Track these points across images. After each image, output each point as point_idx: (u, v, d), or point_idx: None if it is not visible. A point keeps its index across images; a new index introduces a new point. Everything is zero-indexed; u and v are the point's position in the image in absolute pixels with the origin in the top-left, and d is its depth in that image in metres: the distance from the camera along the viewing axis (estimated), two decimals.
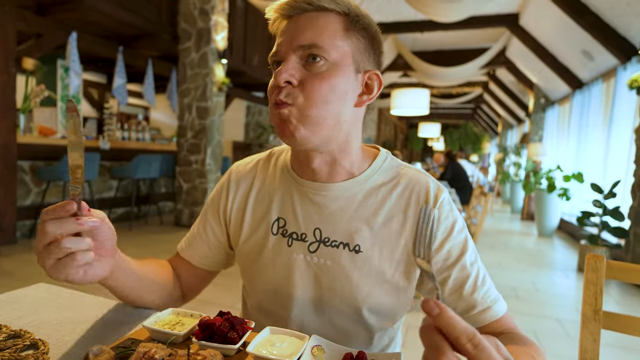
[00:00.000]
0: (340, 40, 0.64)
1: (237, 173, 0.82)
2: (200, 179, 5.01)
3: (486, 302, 0.67)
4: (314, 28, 0.63)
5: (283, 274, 0.73)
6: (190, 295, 0.86)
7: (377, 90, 0.69)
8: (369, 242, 0.69)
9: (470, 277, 0.68)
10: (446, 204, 0.71)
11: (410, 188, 0.72)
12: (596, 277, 0.85)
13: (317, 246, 0.71)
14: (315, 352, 0.58)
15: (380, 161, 0.75)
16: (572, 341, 2.37)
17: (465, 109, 15.78)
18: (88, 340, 0.64)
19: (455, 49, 7.91)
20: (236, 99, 8.22)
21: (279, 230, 0.74)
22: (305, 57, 0.63)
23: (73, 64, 4.58)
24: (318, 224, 0.72)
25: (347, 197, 0.71)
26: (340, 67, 0.64)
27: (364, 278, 0.69)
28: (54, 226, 0.53)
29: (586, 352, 0.85)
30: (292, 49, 0.64)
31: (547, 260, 4.40)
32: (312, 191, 0.72)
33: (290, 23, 0.65)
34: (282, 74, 0.62)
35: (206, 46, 4.84)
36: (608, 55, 4.68)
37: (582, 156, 5.87)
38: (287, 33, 0.65)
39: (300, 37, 0.63)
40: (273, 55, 0.66)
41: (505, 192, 10.54)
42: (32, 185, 4.24)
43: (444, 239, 0.69)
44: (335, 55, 0.63)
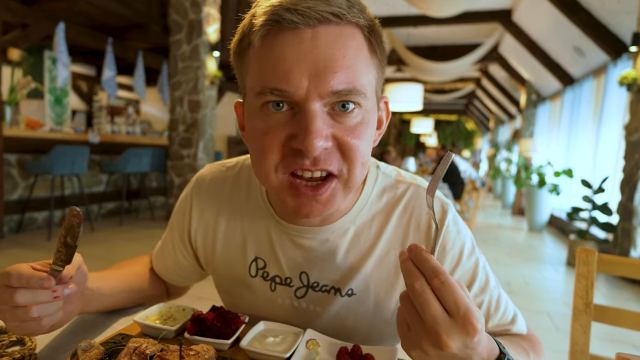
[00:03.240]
0: (370, 71, 0.48)
1: (199, 191, 0.69)
2: (192, 174, 4.96)
3: (503, 327, 0.63)
4: (346, 57, 0.44)
5: (270, 317, 0.65)
6: (175, 295, 0.84)
7: (386, 121, 0.58)
8: (363, 284, 0.61)
9: (483, 306, 0.60)
10: (452, 229, 0.61)
11: (409, 213, 0.61)
12: (587, 270, 0.86)
13: (305, 291, 0.62)
14: (310, 346, 0.57)
15: (372, 183, 0.62)
16: (561, 334, 2.41)
17: (458, 105, 15.85)
18: (77, 336, 0.62)
19: (449, 44, 7.92)
20: (228, 93, 8.16)
21: (259, 272, 0.64)
22: (333, 103, 0.46)
23: (61, 55, 4.49)
24: (304, 267, 0.62)
25: (337, 237, 0.60)
26: (372, 111, 0.50)
27: (360, 321, 0.62)
28: (24, 297, 0.45)
29: (577, 344, 0.86)
30: (318, 95, 0.44)
31: (537, 255, 4.46)
32: (295, 234, 0.61)
33: (301, 38, 0.43)
34: (317, 139, 0.43)
35: (198, 38, 4.77)
36: (599, 52, 4.72)
37: (572, 152, 5.94)
38: (304, 59, 0.43)
39: (332, 76, 0.43)
40: (276, 93, 0.44)
41: (496, 187, 10.65)
42: (20, 179, 4.16)
43: (451, 270, 0.60)
44: (368, 99, 0.48)
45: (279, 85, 0.44)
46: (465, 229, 0.63)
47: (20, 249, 3.57)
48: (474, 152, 17.52)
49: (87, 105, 7.89)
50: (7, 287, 0.46)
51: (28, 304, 0.46)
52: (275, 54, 0.44)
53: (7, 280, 0.46)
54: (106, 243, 3.95)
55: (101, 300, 0.64)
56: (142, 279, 0.75)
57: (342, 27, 0.45)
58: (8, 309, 0.47)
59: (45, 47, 5.98)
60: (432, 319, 0.36)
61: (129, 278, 0.72)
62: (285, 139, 0.46)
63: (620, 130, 4.23)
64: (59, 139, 4.29)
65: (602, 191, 3.86)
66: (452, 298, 0.36)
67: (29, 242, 3.82)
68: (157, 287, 0.78)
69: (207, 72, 4.86)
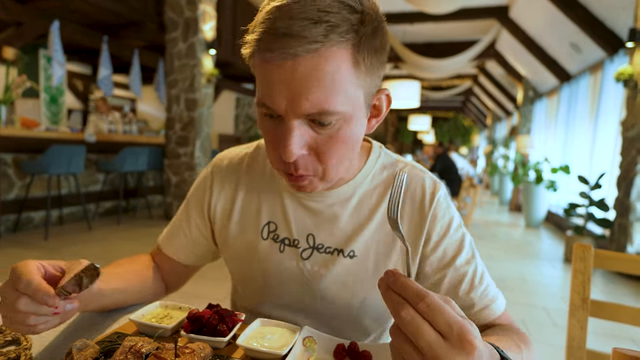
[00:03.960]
0: (351, 87, 0.52)
1: (220, 168, 0.76)
2: (189, 172, 4.95)
3: (484, 301, 0.65)
4: (319, 86, 0.50)
5: (275, 281, 0.71)
6: (174, 288, 0.84)
7: (386, 109, 0.62)
8: (363, 247, 0.67)
9: (467, 276, 0.65)
10: (442, 202, 0.68)
11: (406, 187, 0.69)
12: (584, 266, 0.86)
13: (311, 253, 0.68)
14: (307, 343, 0.57)
15: (375, 158, 0.71)
16: (558, 329, 2.42)
17: (455, 102, 15.87)
18: (72, 335, 0.62)
19: (446, 41, 7.92)
20: (225, 91, 8.13)
21: (270, 235, 0.70)
22: (311, 119, 0.53)
23: (56, 53, 4.45)
24: (311, 230, 0.69)
25: (342, 202, 0.68)
26: (354, 116, 0.55)
27: (359, 283, 0.67)
28: (26, 306, 0.48)
29: (574, 340, 0.86)
30: (294, 114, 0.52)
31: (535, 251, 4.48)
32: (305, 197, 0.69)
33: (284, 69, 0.50)
34: (292, 150, 0.52)
35: (194, 36, 4.75)
36: (596, 48, 4.73)
37: (569, 148, 5.96)
38: (284, 87, 0.50)
39: (304, 103, 0.50)
40: (265, 107, 0.54)
41: (493, 184, 10.67)
42: (16, 179, 4.14)
43: (439, 239, 0.67)
44: (347, 108, 0.53)
45: (266, 101, 0.53)
46: (453, 208, 0.70)
47: (17, 249, 3.56)
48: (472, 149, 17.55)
49: (83, 104, 7.86)
50: (14, 290, 0.48)
51: (28, 312, 0.48)
52: (267, 77, 0.52)
53: (16, 283, 0.48)
54: (104, 242, 3.94)
55: (101, 300, 0.64)
56: (142, 278, 0.75)
57: (320, 54, 0.49)
58: (8, 309, 0.49)
59: (40, 46, 5.94)
60: (427, 346, 0.34)
61: (129, 277, 0.72)
62: (276, 144, 0.56)
63: (617, 126, 4.24)
64: (55, 138, 4.26)
65: (599, 187, 3.88)
66: (443, 319, 0.35)
67: (26, 242, 3.80)
68: (157, 286, 0.78)
69: (203, 70, 4.84)
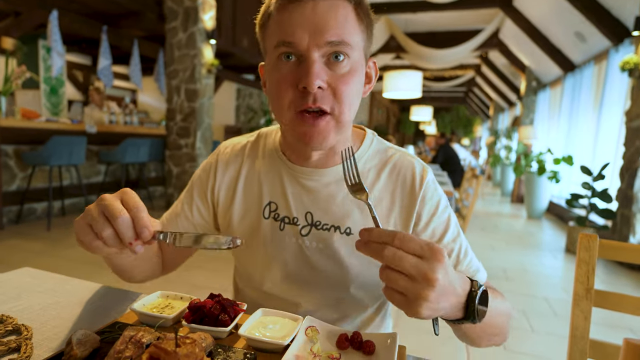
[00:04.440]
0: (357, 34, 0.62)
1: (225, 154, 0.81)
2: (190, 163, 4.94)
3: (469, 273, 0.71)
4: (337, 20, 0.59)
5: (275, 256, 0.74)
6: (170, 269, 0.85)
7: (375, 78, 0.70)
8: (359, 224, 0.71)
9: (453, 252, 0.71)
10: (431, 184, 0.73)
11: (397, 170, 0.74)
12: (589, 256, 0.85)
13: (309, 230, 0.72)
14: (309, 333, 0.57)
15: (368, 143, 0.76)
16: (559, 319, 2.42)
17: (458, 92, 15.74)
18: (74, 325, 0.62)
19: (449, 30, 7.82)
20: (226, 82, 8.08)
21: (271, 215, 0.74)
22: (328, 55, 0.60)
23: (55, 44, 4.42)
24: (309, 207, 0.72)
25: (338, 181, 0.72)
26: (359, 64, 0.63)
27: (355, 259, 0.71)
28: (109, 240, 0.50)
29: (577, 329, 0.85)
30: (316, 45, 0.58)
31: (536, 242, 4.48)
32: (303, 176, 0.73)
33: (304, 8, 0.58)
34: (315, 78, 0.58)
35: (194, 26, 4.70)
36: (601, 37, 4.66)
37: (572, 139, 5.92)
38: (306, 21, 0.58)
39: (326, 31, 0.58)
40: (286, 45, 0.59)
41: (495, 175, 10.64)
42: (17, 170, 4.14)
43: (428, 219, 0.72)
44: (356, 53, 0.62)
45: (288, 38, 0.59)
46: (441, 190, 0.76)
47: (19, 240, 3.57)
48: (474, 140, 17.48)
49: (84, 95, 7.82)
50: (118, 200, 0.50)
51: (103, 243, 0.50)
52: (286, 18, 0.59)
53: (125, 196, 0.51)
54: None
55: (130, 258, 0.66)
56: (153, 251, 0.76)
57: (334, 0, 0.59)
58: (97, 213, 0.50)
59: (39, 36, 5.89)
60: (413, 267, 0.43)
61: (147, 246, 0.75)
62: (294, 82, 0.60)
63: (621, 116, 4.20)
64: (56, 129, 4.25)
65: (602, 178, 3.86)
66: (414, 244, 0.44)
67: (29, 233, 3.82)
68: (159, 262, 0.80)
69: (203, 61, 4.80)
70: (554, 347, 2.07)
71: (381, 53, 8.16)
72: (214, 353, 0.49)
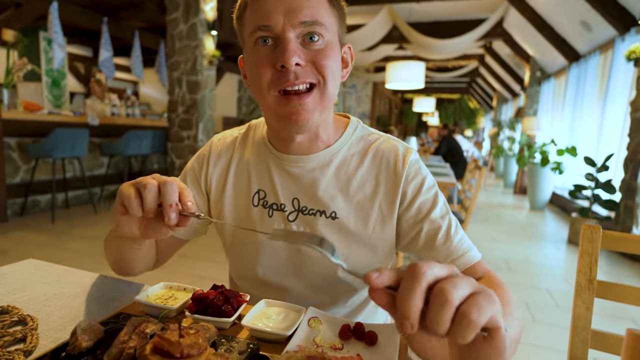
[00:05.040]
0: (330, 16, 0.64)
1: (217, 146, 0.83)
2: (192, 155, 4.94)
3: (460, 250, 0.69)
4: (310, 1, 0.61)
5: (266, 244, 0.76)
6: (162, 261, 0.85)
7: (351, 62, 0.72)
8: (344, 209, 0.73)
9: (442, 228, 0.70)
10: (414, 164, 0.74)
11: (381, 154, 0.75)
12: (592, 247, 0.85)
13: (296, 215, 0.74)
14: (312, 323, 0.57)
15: (352, 130, 0.77)
16: (560, 310, 2.43)
17: (461, 83, 15.61)
18: (78, 316, 0.62)
19: (452, 20, 7.72)
20: (227, 73, 8.04)
21: (260, 202, 0.76)
22: (303, 35, 0.62)
23: (56, 35, 4.40)
24: (296, 194, 0.74)
25: (322, 167, 0.74)
26: (334, 44, 0.65)
27: (342, 243, 0.73)
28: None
29: (579, 320, 0.86)
30: (291, 25, 0.60)
31: (539, 233, 4.47)
32: (289, 164, 0.75)
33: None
34: (292, 56, 0.60)
35: (195, 17, 4.66)
36: (607, 26, 4.60)
37: (576, 130, 5.87)
38: (280, 4, 0.60)
39: (300, 11, 0.60)
40: (262, 29, 0.62)
41: (498, 166, 10.60)
42: (21, 163, 4.15)
43: (413, 197, 0.72)
44: (329, 33, 0.64)
45: (264, 22, 0.61)
46: (427, 171, 0.76)
47: (24, 232, 3.60)
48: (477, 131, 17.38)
49: (85, 88, 7.81)
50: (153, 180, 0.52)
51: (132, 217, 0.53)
52: (261, 4, 0.62)
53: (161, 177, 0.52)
54: (110, 225, 3.98)
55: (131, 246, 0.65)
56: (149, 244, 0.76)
57: None
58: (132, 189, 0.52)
59: (40, 28, 5.86)
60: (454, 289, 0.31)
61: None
62: (271, 63, 0.62)
63: (626, 107, 4.16)
64: (58, 122, 4.25)
65: (606, 169, 3.83)
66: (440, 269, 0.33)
67: (33, 225, 3.85)
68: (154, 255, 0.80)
69: (205, 52, 4.77)
70: (555, 338, 2.08)
71: (384, 43, 8.08)
72: (218, 343, 0.50)
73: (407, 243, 0.73)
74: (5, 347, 0.52)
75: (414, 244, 0.72)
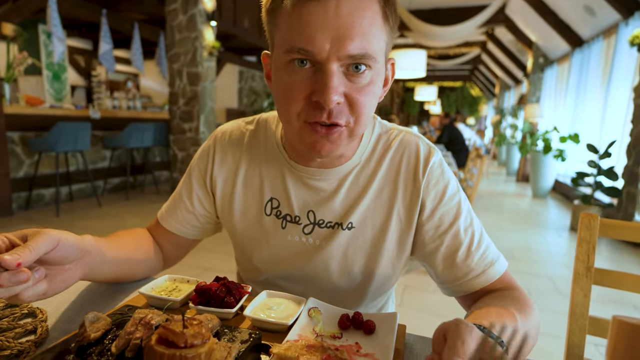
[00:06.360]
0: (382, 36, 0.56)
1: (222, 140, 0.76)
2: (194, 147, 4.95)
3: (480, 268, 0.65)
4: (362, 26, 0.52)
5: (278, 253, 0.73)
6: (172, 262, 0.84)
7: (391, 79, 0.65)
8: (360, 217, 0.69)
9: (463, 244, 0.66)
10: (436, 168, 0.68)
11: (400, 153, 0.70)
12: (589, 234, 0.86)
13: (312, 228, 0.70)
14: (312, 314, 0.59)
15: (370, 130, 0.72)
16: (561, 296, 2.45)
17: (463, 70, 15.46)
18: (85, 308, 0.64)
19: (453, 6, 7.62)
20: (228, 64, 7.98)
21: (273, 211, 0.72)
22: (348, 64, 0.54)
23: (55, 28, 4.38)
24: (312, 206, 0.70)
25: (340, 178, 0.70)
26: (380, 72, 0.58)
27: (359, 252, 0.70)
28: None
29: (576, 307, 0.87)
30: (337, 57, 0.52)
31: (541, 221, 4.48)
32: (306, 176, 0.70)
33: (327, 7, 0.51)
34: (333, 94, 0.52)
35: (194, 8, 4.62)
36: (610, 10, 4.53)
37: (579, 116, 5.83)
38: (327, 25, 0.51)
39: (350, 41, 0.51)
40: (302, 52, 0.53)
41: (501, 154, 10.56)
42: (24, 157, 4.18)
43: (434, 207, 0.67)
44: (378, 62, 0.56)
45: (306, 46, 0.52)
46: (450, 173, 0.70)
47: (29, 225, 3.63)
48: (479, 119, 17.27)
49: (86, 81, 7.79)
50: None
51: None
52: (304, 19, 0.52)
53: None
54: (115, 218, 4.02)
55: (103, 268, 0.63)
56: (144, 250, 0.75)
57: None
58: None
59: (39, 21, 5.83)
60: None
61: (131, 248, 0.72)
62: (307, 93, 0.55)
63: (630, 92, 4.12)
64: (60, 116, 4.26)
65: (609, 156, 3.82)
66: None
67: (38, 218, 3.89)
68: (158, 258, 0.79)
69: (205, 43, 4.74)
70: (555, 324, 2.11)
71: None
72: (221, 333, 0.52)
73: (425, 254, 0.70)
74: (17, 339, 0.53)
75: (433, 257, 0.68)
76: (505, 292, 0.65)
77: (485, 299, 0.63)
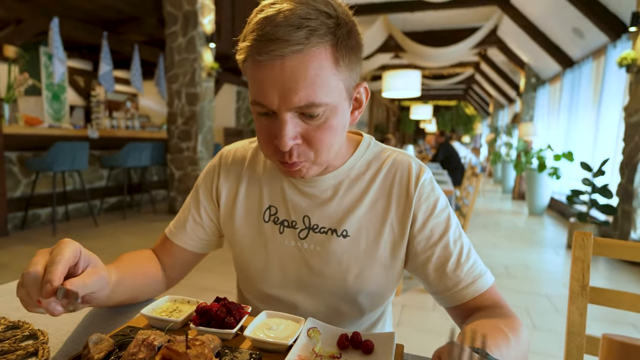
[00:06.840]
0: (333, 80, 0.59)
1: (227, 158, 0.83)
2: (192, 166, 4.98)
3: (469, 279, 0.69)
4: (306, 79, 0.57)
5: (276, 259, 0.76)
6: (174, 283, 0.85)
7: (365, 101, 0.69)
8: (355, 227, 0.72)
9: (453, 254, 0.70)
10: (427, 184, 0.73)
11: (394, 171, 0.74)
12: (584, 253, 0.87)
13: (307, 233, 0.74)
14: (311, 334, 0.59)
15: (364, 148, 0.77)
16: (559, 315, 2.44)
17: (457, 90, 15.75)
18: (87, 329, 0.64)
19: (447, 28, 7.83)
20: (226, 84, 8.11)
21: (271, 218, 0.77)
22: (301, 112, 0.60)
23: (56, 50, 4.46)
24: (307, 212, 0.74)
25: (334, 186, 0.74)
26: (338, 106, 0.62)
27: (353, 261, 0.72)
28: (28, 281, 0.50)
29: (573, 326, 0.88)
30: (286, 108, 0.59)
31: (538, 239, 4.49)
32: (301, 182, 0.75)
33: (273, 67, 0.57)
34: (287, 140, 0.59)
35: (193, 30, 4.73)
36: (598, 33, 4.68)
37: (572, 135, 5.93)
38: (275, 82, 0.57)
39: (293, 97, 0.57)
40: (259, 105, 0.60)
41: (496, 172, 10.65)
42: (21, 177, 4.18)
43: (425, 219, 0.71)
44: (331, 99, 0.60)
45: (261, 100, 0.59)
46: (439, 190, 0.75)
47: (25, 245, 3.61)
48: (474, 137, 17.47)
49: (85, 101, 7.87)
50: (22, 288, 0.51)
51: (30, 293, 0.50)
52: (257, 77, 0.59)
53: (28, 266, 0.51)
54: (111, 237, 3.99)
55: (111, 296, 0.65)
56: (152, 274, 0.77)
57: (304, 54, 0.56)
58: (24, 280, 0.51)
59: (40, 43, 5.94)
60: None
61: (137, 274, 0.74)
62: (271, 138, 0.63)
63: (620, 111, 4.21)
64: (59, 135, 4.29)
65: (603, 174, 3.87)
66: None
67: (34, 238, 3.86)
68: (161, 282, 0.80)
69: (203, 64, 4.83)
70: (554, 343, 2.09)
71: (380, 52, 8.18)
72: (222, 354, 0.52)
73: (417, 265, 0.73)
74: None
75: (425, 268, 0.71)
76: (494, 309, 0.67)
77: (475, 317, 0.64)
